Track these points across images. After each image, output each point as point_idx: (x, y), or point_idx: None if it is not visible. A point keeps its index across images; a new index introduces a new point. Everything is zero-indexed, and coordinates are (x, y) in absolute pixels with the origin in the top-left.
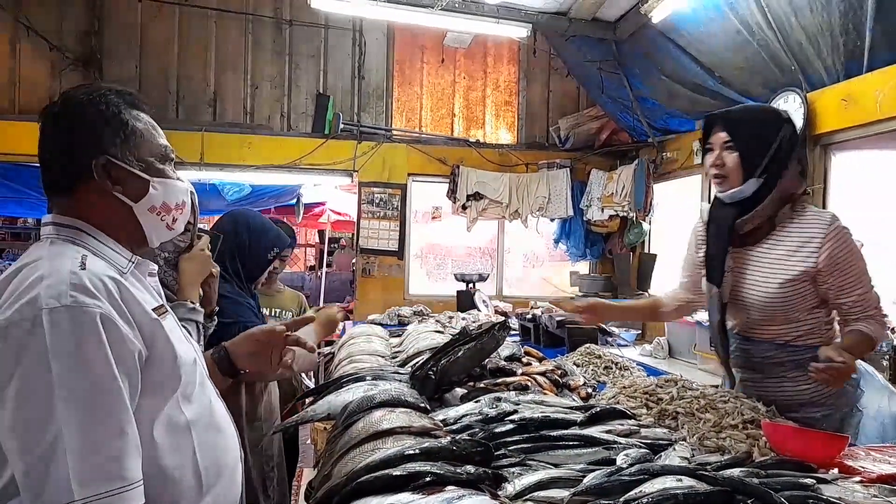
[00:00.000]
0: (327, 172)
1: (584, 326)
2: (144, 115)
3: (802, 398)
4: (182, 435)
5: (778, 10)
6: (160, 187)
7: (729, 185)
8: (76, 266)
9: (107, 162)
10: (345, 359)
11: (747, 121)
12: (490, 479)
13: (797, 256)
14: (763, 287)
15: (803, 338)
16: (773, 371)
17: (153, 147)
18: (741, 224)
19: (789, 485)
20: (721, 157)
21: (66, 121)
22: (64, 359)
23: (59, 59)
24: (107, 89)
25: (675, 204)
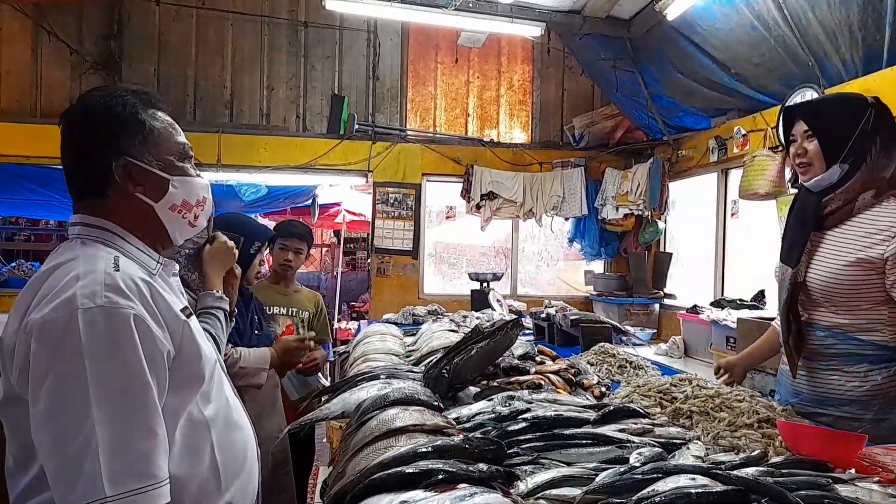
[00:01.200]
0: (342, 173)
1: (597, 325)
2: (162, 114)
3: (852, 395)
4: (202, 433)
5: (794, 4)
6: (180, 185)
7: (813, 172)
8: (110, 267)
9: (127, 163)
10: (359, 357)
11: (826, 109)
12: (502, 477)
13: (867, 241)
14: (827, 267)
15: (863, 332)
16: (826, 361)
17: (172, 146)
18: (827, 202)
19: (805, 484)
20: (803, 146)
21: (85, 124)
22: (98, 358)
23: (80, 62)
24: (123, 90)
25: (691, 202)
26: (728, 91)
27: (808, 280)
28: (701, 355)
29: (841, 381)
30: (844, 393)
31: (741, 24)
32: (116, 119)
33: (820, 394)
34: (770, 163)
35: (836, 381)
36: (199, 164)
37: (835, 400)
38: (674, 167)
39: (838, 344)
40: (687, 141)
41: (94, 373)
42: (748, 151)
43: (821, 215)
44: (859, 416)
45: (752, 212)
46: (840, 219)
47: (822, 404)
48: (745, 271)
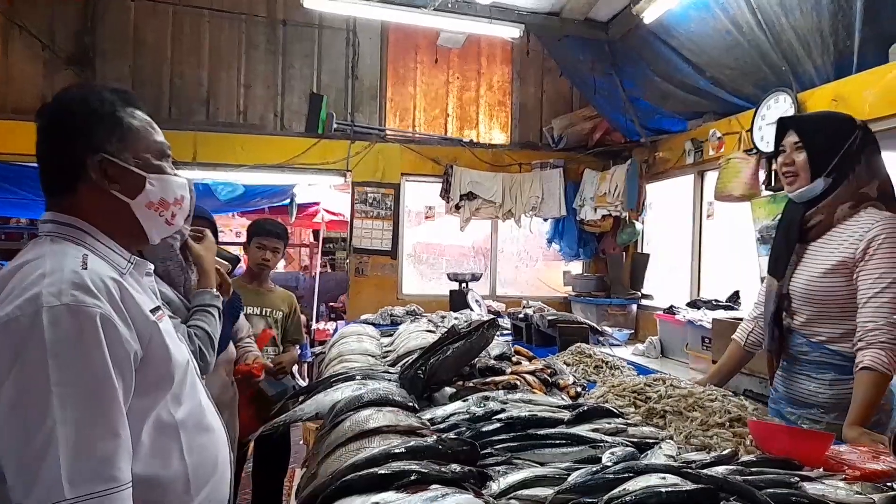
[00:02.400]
0: (321, 172)
1: (574, 325)
2: (140, 113)
3: (816, 399)
4: (170, 436)
5: (768, 10)
6: (157, 183)
7: (799, 183)
8: (78, 265)
9: (102, 159)
10: (335, 358)
11: (818, 124)
12: (475, 477)
13: (842, 247)
14: (807, 276)
15: (836, 342)
16: (800, 366)
17: (149, 144)
18: (810, 216)
19: (773, 482)
20: (791, 156)
21: (61, 120)
22: (62, 357)
23: (52, 58)
24: (101, 87)
25: (668, 204)
26: (704, 94)
27: (790, 289)
28: (677, 355)
29: (810, 387)
30: (810, 397)
31: (717, 29)
32: (94, 116)
33: (791, 395)
34: (745, 165)
35: (806, 386)
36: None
37: (802, 402)
38: (651, 169)
39: (811, 352)
40: (664, 143)
41: (57, 372)
42: (723, 154)
43: (805, 228)
44: (819, 419)
45: (728, 213)
46: (821, 231)
47: (791, 404)
48: (721, 272)
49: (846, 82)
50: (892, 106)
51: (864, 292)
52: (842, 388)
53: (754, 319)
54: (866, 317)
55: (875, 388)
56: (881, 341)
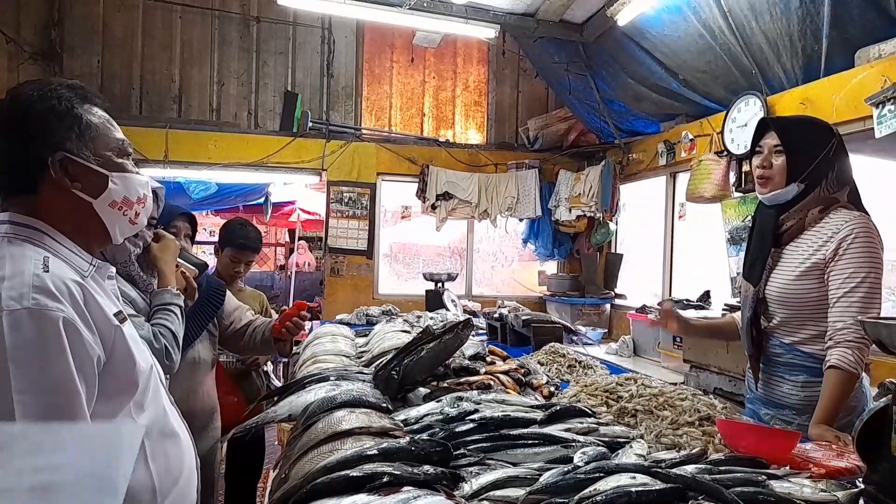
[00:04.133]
0: (295, 171)
1: (548, 325)
2: (98, 109)
3: (789, 401)
4: None
5: (739, 14)
6: (120, 182)
7: (772, 186)
8: (39, 268)
9: (63, 158)
10: (309, 359)
11: (800, 129)
12: (447, 478)
13: (814, 249)
14: (781, 279)
15: (808, 344)
16: (775, 367)
17: (110, 141)
18: (783, 221)
19: (740, 481)
20: (769, 159)
21: (18, 118)
22: (23, 362)
23: (17, 52)
24: (57, 84)
25: (641, 204)
26: (676, 97)
27: (766, 293)
28: (649, 354)
29: (784, 388)
30: (783, 398)
31: (689, 32)
32: (52, 113)
33: (767, 395)
34: (716, 167)
35: (780, 387)
36: (146, 159)
37: (776, 403)
38: (624, 170)
39: (784, 354)
40: (637, 145)
41: (18, 377)
42: (695, 156)
43: (778, 233)
44: (791, 420)
45: (699, 214)
46: (793, 234)
47: (766, 405)
48: (692, 272)
49: (814, 86)
50: (857, 110)
51: (834, 292)
52: (813, 389)
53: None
54: (835, 316)
55: (841, 387)
56: (848, 340)
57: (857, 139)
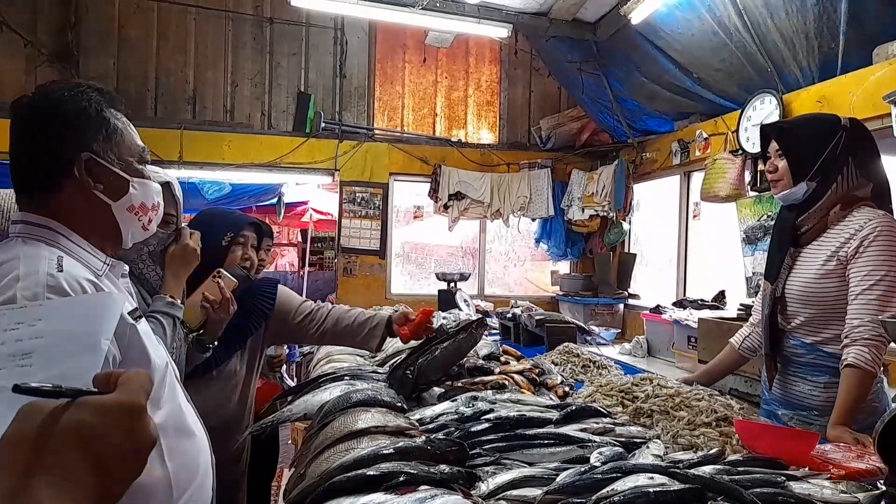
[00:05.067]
0: (308, 171)
1: (562, 325)
2: (123, 116)
3: (811, 402)
4: None
5: (754, 12)
6: (139, 187)
7: (782, 187)
8: (53, 268)
9: (89, 159)
10: (323, 358)
11: (797, 130)
12: (464, 478)
13: (836, 246)
14: (802, 279)
15: (831, 343)
16: (795, 368)
17: (133, 147)
18: (801, 223)
19: (759, 482)
20: (774, 163)
21: (48, 116)
22: None
23: (34, 54)
24: (86, 86)
25: (655, 204)
26: (690, 95)
27: (785, 293)
28: (664, 355)
29: (804, 389)
30: (804, 399)
31: (703, 30)
32: (82, 114)
33: (786, 397)
34: (730, 166)
35: (801, 388)
36: (161, 160)
37: (796, 404)
38: (638, 169)
39: (806, 354)
40: (651, 144)
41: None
42: (709, 155)
43: (798, 234)
44: (812, 421)
45: (714, 214)
46: (814, 235)
47: (784, 406)
48: (707, 272)
49: (831, 84)
50: (875, 107)
51: (853, 289)
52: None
53: (752, 326)
54: (853, 313)
55: (858, 386)
56: (865, 338)
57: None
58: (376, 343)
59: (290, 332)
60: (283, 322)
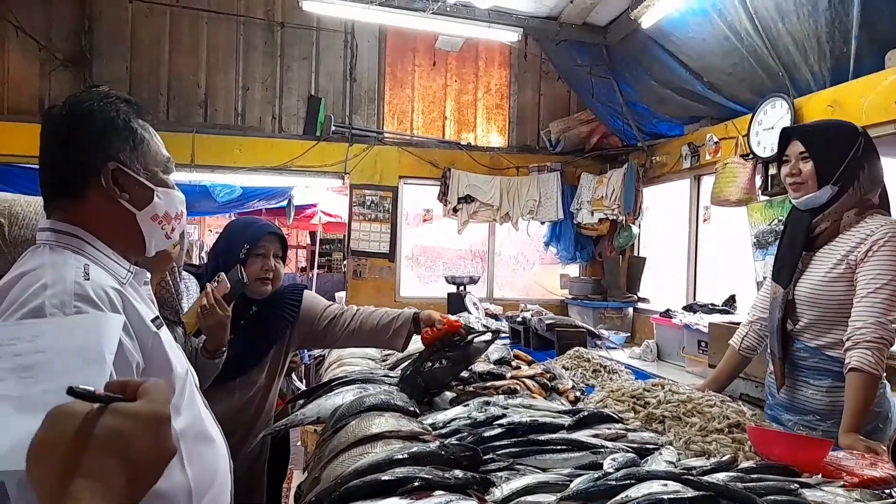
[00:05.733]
0: (318, 174)
1: (572, 329)
2: (150, 126)
3: (813, 406)
4: None
5: (765, 15)
6: (163, 197)
7: (805, 191)
8: (80, 276)
9: (116, 168)
10: (335, 362)
11: (822, 133)
12: (478, 483)
13: (847, 250)
14: (812, 281)
15: (832, 347)
16: (799, 371)
17: (158, 157)
18: (816, 223)
19: (773, 489)
20: (797, 166)
21: (77, 126)
22: None
23: (49, 58)
24: (115, 97)
25: (665, 208)
26: (701, 99)
27: (795, 295)
28: (674, 359)
29: (807, 393)
30: (807, 403)
31: (714, 35)
32: (111, 124)
33: (790, 401)
34: (741, 170)
35: (804, 392)
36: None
37: (799, 408)
38: (648, 173)
39: (809, 358)
40: (660, 147)
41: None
42: (720, 159)
43: (811, 236)
44: (815, 426)
45: (724, 218)
46: (827, 238)
47: (788, 410)
48: (717, 276)
49: (843, 88)
50: (888, 112)
51: (858, 292)
52: (839, 395)
53: (749, 324)
54: (856, 316)
55: (864, 390)
56: (867, 340)
57: (888, 142)
58: (402, 342)
59: (315, 336)
60: (309, 327)
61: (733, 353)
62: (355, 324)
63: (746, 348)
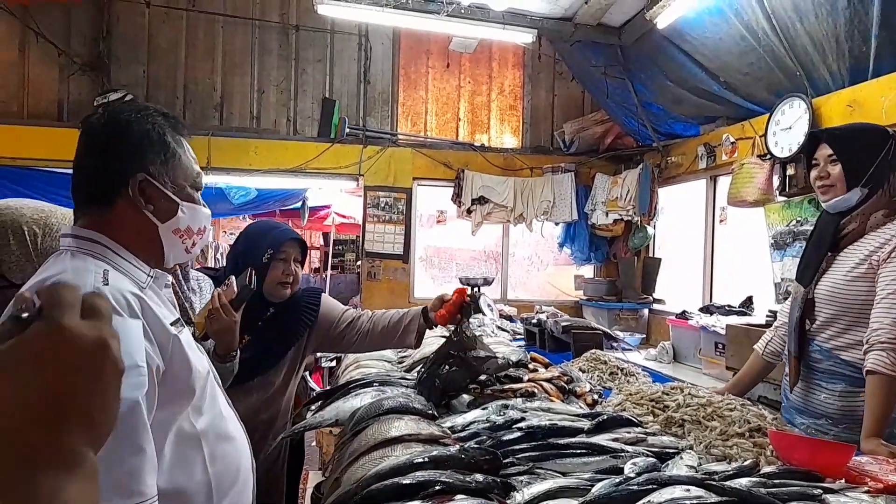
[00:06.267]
0: (333, 176)
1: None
2: (184, 141)
3: (825, 410)
4: (193, 446)
5: (783, 15)
6: (188, 212)
7: (834, 193)
8: (99, 281)
9: (144, 180)
10: (352, 364)
11: (850, 136)
12: (499, 487)
13: (870, 250)
14: (834, 280)
15: (846, 350)
16: (813, 374)
17: (188, 172)
18: (844, 224)
19: (796, 495)
20: (826, 169)
21: (115, 136)
22: None
23: (68, 63)
24: (154, 109)
25: (680, 208)
26: (717, 99)
27: (815, 294)
28: (690, 361)
29: (821, 397)
30: (819, 406)
31: (730, 34)
32: (145, 137)
33: (803, 403)
34: (758, 171)
35: (817, 396)
36: None
37: (812, 411)
38: (663, 173)
39: (824, 360)
40: (676, 148)
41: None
42: (737, 159)
43: (838, 237)
44: (827, 430)
45: (741, 219)
46: (853, 238)
47: (801, 413)
48: (734, 277)
49: (862, 88)
50: None
51: (879, 293)
52: (851, 400)
53: (775, 329)
54: (874, 317)
55: (882, 393)
56: (881, 342)
57: None
58: (414, 338)
59: (331, 341)
60: (327, 332)
61: (757, 357)
62: (369, 325)
63: (770, 353)
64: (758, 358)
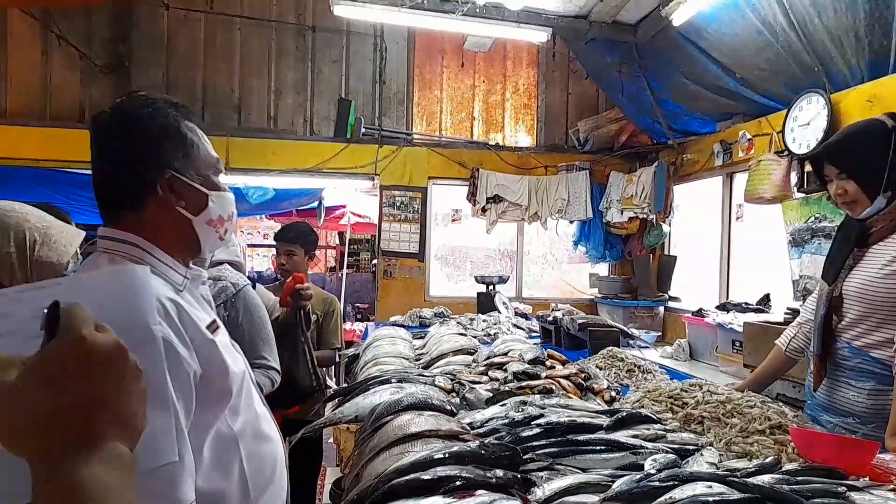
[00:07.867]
0: (349, 176)
1: (605, 329)
2: (197, 129)
3: (854, 408)
4: (230, 447)
5: (800, 10)
6: (217, 201)
7: (861, 207)
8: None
9: (171, 177)
10: (370, 361)
11: (850, 147)
12: (519, 483)
13: None
14: (863, 276)
15: (876, 348)
16: (841, 372)
17: (208, 160)
18: (871, 224)
19: (820, 492)
20: (841, 186)
21: (129, 134)
22: None
23: (89, 66)
24: (162, 101)
25: (696, 205)
26: (733, 95)
27: (843, 291)
28: (707, 358)
29: (849, 395)
30: (847, 405)
31: (747, 30)
32: (164, 133)
33: (829, 401)
34: (776, 167)
35: (845, 394)
36: None
37: (838, 409)
38: (678, 171)
39: (853, 358)
40: (692, 145)
41: None
42: (753, 156)
43: (865, 234)
44: (855, 429)
45: (758, 216)
46: (881, 235)
47: (827, 411)
48: (751, 275)
49: (882, 83)
50: None
51: None
52: (881, 398)
53: (798, 325)
54: None
55: None
56: None
57: None
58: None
59: None
60: None
61: (778, 353)
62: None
63: (793, 350)
64: (780, 354)
